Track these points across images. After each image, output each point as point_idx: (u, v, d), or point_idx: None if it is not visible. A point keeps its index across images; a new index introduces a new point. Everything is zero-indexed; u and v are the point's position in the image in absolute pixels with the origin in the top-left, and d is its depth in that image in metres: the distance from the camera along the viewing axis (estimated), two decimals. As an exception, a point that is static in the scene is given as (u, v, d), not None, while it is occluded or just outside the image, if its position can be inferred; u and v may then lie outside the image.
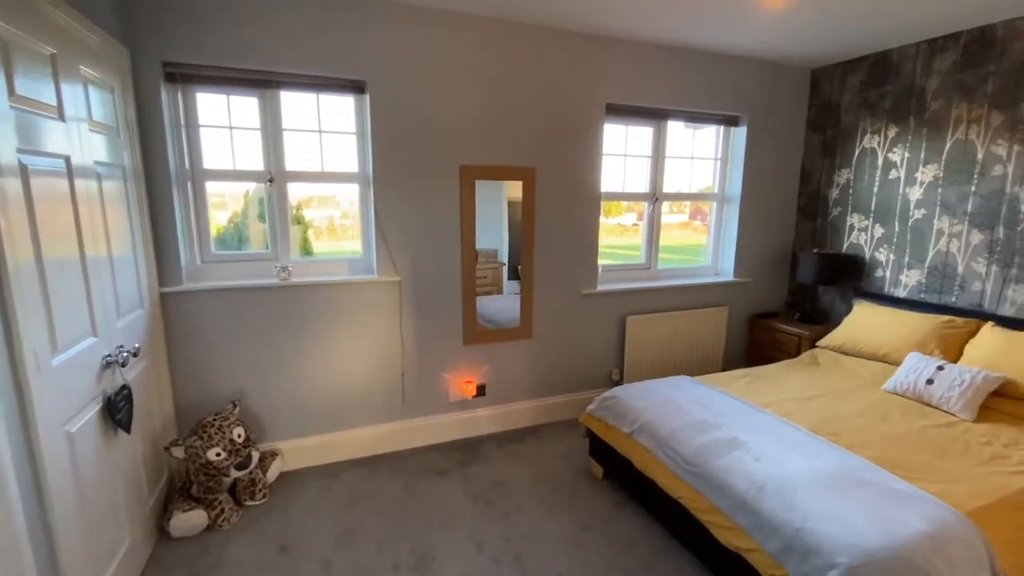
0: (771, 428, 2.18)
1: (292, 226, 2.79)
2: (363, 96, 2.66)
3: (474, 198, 2.89)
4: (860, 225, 3.47)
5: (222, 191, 2.74)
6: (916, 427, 2.23)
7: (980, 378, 2.36)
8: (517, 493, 2.57)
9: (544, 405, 3.34)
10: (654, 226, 3.62)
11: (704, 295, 3.72)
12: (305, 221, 2.93)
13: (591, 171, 3.18)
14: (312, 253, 2.94)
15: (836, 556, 1.47)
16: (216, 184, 2.64)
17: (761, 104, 3.59)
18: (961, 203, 2.92)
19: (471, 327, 3.04)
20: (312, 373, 2.76)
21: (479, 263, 3.08)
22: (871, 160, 3.37)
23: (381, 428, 2.95)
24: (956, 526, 1.57)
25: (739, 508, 1.78)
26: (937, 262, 3.05)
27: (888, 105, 3.25)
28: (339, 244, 2.99)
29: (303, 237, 2.94)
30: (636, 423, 2.36)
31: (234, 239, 2.79)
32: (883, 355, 2.88)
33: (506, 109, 2.90)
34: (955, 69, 2.90)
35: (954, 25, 2.79)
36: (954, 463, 1.95)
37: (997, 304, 2.78)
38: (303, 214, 2.91)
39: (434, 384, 3.03)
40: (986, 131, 2.78)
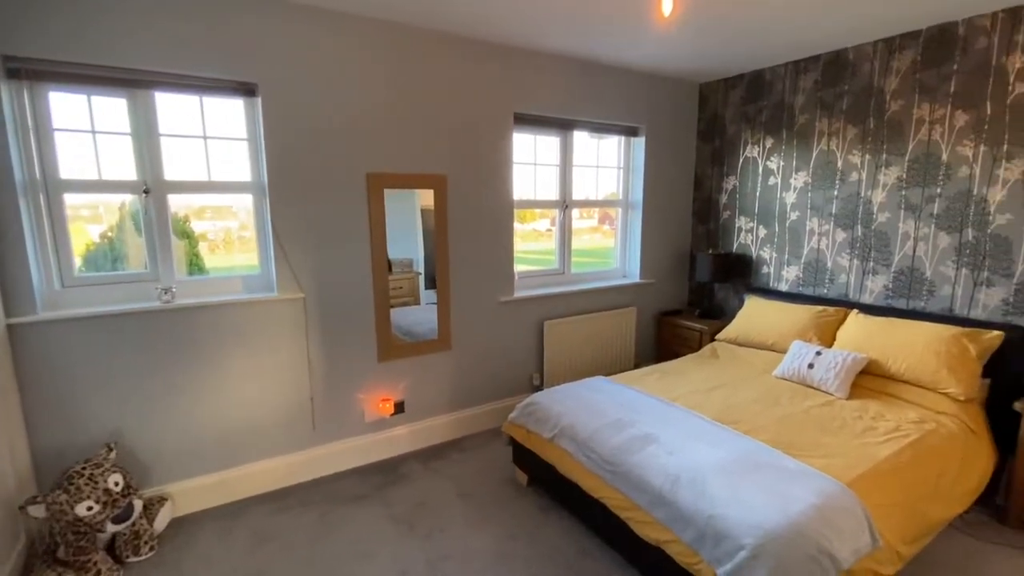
0: (680, 421, 2.30)
1: (178, 240, 2.51)
2: (254, 99, 2.46)
3: (383, 207, 2.78)
4: (747, 227, 3.81)
5: (95, 202, 2.40)
6: (802, 408, 2.47)
7: (850, 360, 2.66)
8: (441, 511, 2.49)
9: (466, 416, 3.28)
10: (566, 232, 3.71)
11: (614, 297, 3.87)
12: (194, 235, 2.65)
13: (502, 179, 3.20)
14: (204, 271, 2.66)
15: (743, 538, 1.57)
16: (83, 196, 2.30)
17: (657, 116, 3.83)
18: (827, 206, 3.30)
19: (386, 342, 2.91)
20: (205, 405, 2.48)
21: (393, 274, 2.97)
22: (753, 168, 3.72)
23: (290, 458, 2.72)
24: (839, 496, 1.75)
25: (656, 502, 1.85)
26: (811, 258, 3.43)
27: (764, 118, 3.61)
28: (237, 260, 2.73)
29: (192, 253, 2.65)
30: (556, 427, 2.38)
31: (107, 258, 2.45)
32: (772, 344, 3.17)
33: (415, 117, 2.83)
34: (816, 88, 3.28)
35: (814, 49, 3.16)
36: (834, 438, 2.18)
37: (859, 294, 3.18)
38: (191, 227, 2.63)
39: (347, 406, 2.86)
40: (843, 142, 3.18)
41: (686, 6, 2.45)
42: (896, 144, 2.93)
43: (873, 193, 3.05)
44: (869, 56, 3.00)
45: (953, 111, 2.70)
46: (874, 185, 3.05)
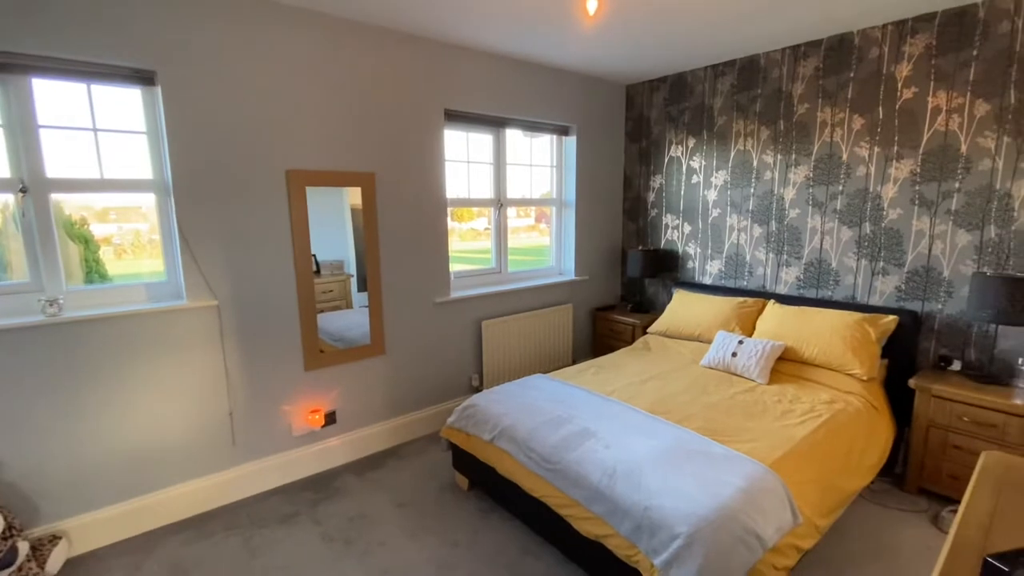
0: (616, 414, 2.35)
1: (75, 246, 2.24)
2: (153, 88, 2.23)
3: (305, 206, 2.62)
4: (673, 224, 3.97)
5: None
6: (728, 395, 2.59)
7: (768, 348, 2.83)
8: (379, 524, 2.39)
9: (404, 423, 3.18)
10: (501, 231, 3.69)
11: (551, 294, 3.90)
12: (93, 239, 2.37)
13: (434, 177, 3.12)
14: (107, 278, 2.38)
15: (677, 527, 1.61)
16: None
17: (587, 115, 3.90)
18: (745, 203, 3.50)
19: (313, 350, 2.75)
20: (106, 429, 2.23)
21: (322, 276, 2.81)
22: (677, 167, 3.87)
23: (208, 480, 2.51)
24: (763, 478, 1.84)
25: (594, 497, 1.86)
26: (731, 253, 3.62)
27: (686, 120, 3.76)
28: (148, 266, 2.46)
29: (92, 259, 2.37)
30: (496, 429, 2.35)
31: None
32: (698, 335, 3.32)
33: (341, 112, 2.69)
34: (733, 91, 3.47)
35: (731, 54, 3.33)
36: (757, 423, 2.30)
37: (775, 285, 3.40)
38: (89, 230, 2.35)
39: (272, 419, 2.67)
40: (758, 143, 3.38)
41: (610, 8, 2.50)
42: (804, 145, 3.15)
43: (785, 191, 3.27)
44: (778, 62, 3.21)
45: (851, 115, 2.93)
46: (785, 183, 3.26)
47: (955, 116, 2.58)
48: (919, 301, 2.79)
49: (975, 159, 2.54)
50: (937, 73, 2.61)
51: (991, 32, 2.44)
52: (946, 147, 2.62)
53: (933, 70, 2.62)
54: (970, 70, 2.51)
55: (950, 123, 2.60)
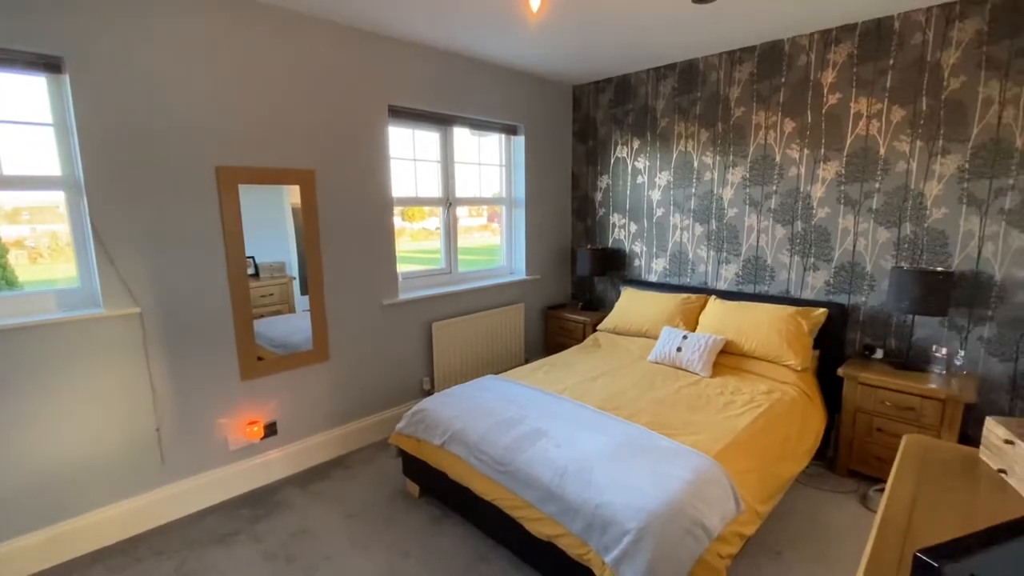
0: (567, 412, 2.35)
1: None
2: (61, 76, 2.03)
3: (238, 205, 2.47)
4: (620, 223, 4.05)
5: None
6: (673, 389, 2.66)
7: (711, 342, 2.93)
8: (325, 537, 2.29)
9: (351, 431, 3.06)
10: (451, 230, 3.63)
11: (502, 294, 3.89)
12: (1, 243, 2.13)
13: (379, 175, 3.02)
14: (16, 285, 2.15)
15: (627, 523, 1.63)
16: None
17: (535, 115, 3.90)
18: (687, 202, 3.61)
19: (249, 358, 2.59)
20: (15, 452, 2.00)
21: (261, 279, 2.66)
22: (623, 167, 3.95)
23: (135, 501, 2.31)
24: (707, 469, 1.89)
25: (546, 497, 1.85)
26: (675, 251, 3.73)
27: (631, 121, 3.85)
28: (63, 271, 2.23)
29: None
30: (447, 433, 2.30)
31: None
32: (646, 331, 3.39)
33: (277, 105, 2.55)
34: (674, 93, 3.57)
35: (671, 58, 3.43)
36: (701, 415, 2.37)
37: (716, 281, 3.53)
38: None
39: (206, 433, 2.50)
40: (698, 144, 3.49)
41: (554, 7, 2.50)
42: (740, 147, 3.29)
43: (723, 191, 3.40)
44: (716, 67, 3.33)
45: (783, 119, 3.09)
46: (724, 183, 3.39)
47: (875, 121, 2.76)
48: (846, 294, 2.97)
49: (892, 161, 2.73)
50: (858, 80, 2.79)
51: (905, 43, 2.63)
52: (867, 150, 2.80)
53: (855, 77, 2.80)
54: (887, 78, 2.70)
55: (870, 128, 2.78)
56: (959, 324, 2.63)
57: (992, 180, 2.47)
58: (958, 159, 2.55)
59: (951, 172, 2.57)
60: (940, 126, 2.58)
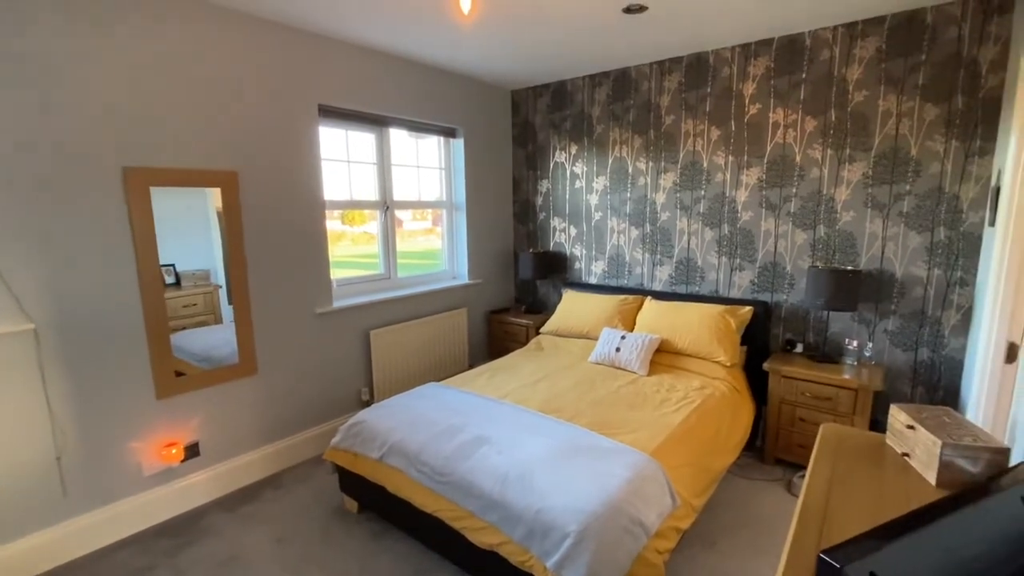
0: (509, 417, 2.33)
1: None
2: (-72, 64, 1.79)
3: (150, 209, 2.27)
4: (560, 227, 4.10)
5: None
6: (613, 388, 2.71)
7: (647, 341, 3.02)
8: (255, 564, 2.14)
9: (283, 448, 2.90)
10: (389, 234, 3.54)
11: (444, 299, 3.83)
12: None
13: (309, 177, 2.89)
14: None
15: (568, 526, 1.62)
16: None
17: (474, 119, 3.88)
18: (622, 207, 3.71)
19: (166, 374, 2.39)
20: None
21: (184, 288, 2.47)
22: (562, 172, 4.01)
23: (32, 539, 2.06)
24: (645, 466, 1.93)
25: (488, 506, 1.82)
26: (613, 253, 3.82)
27: (568, 127, 3.91)
28: None
29: None
30: (385, 445, 2.22)
31: None
32: (586, 332, 3.45)
33: (195, 102, 2.37)
34: (608, 100, 3.66)
35: (604, 65, 3.51)
36: (639, 413, 2.43)
37: (651, 282, 3.65)
38: None
39: (116, 459, 2.28)
40: (632, 151, 3.60)
41: (486, 9, 2.49)
42: (671, 153, 3.42)
43: (656, 195, 3.52)
44: (647, 75, 3.45)
45: (709, 127, 3.24)
46: (656, 188, 3.52)
47: (791, 130, 2.95)
48: (769, 293, 3.16)
49: (807, 168, 2.93)
50: (775, 92, 2.97)
51: (816, 58, 2.84)
52: (785, 157, 2.99)
53: (772, 89, 2.98)
54: (801, 90, 2.90)
55: (787, 136, 2.97)
56: (867, 318, 2.85)
57: (892, 186, 2.70)
58: (863, 166, 2.77)
59: (857, 178, 2.79)
60: (847, 136, 2.79)
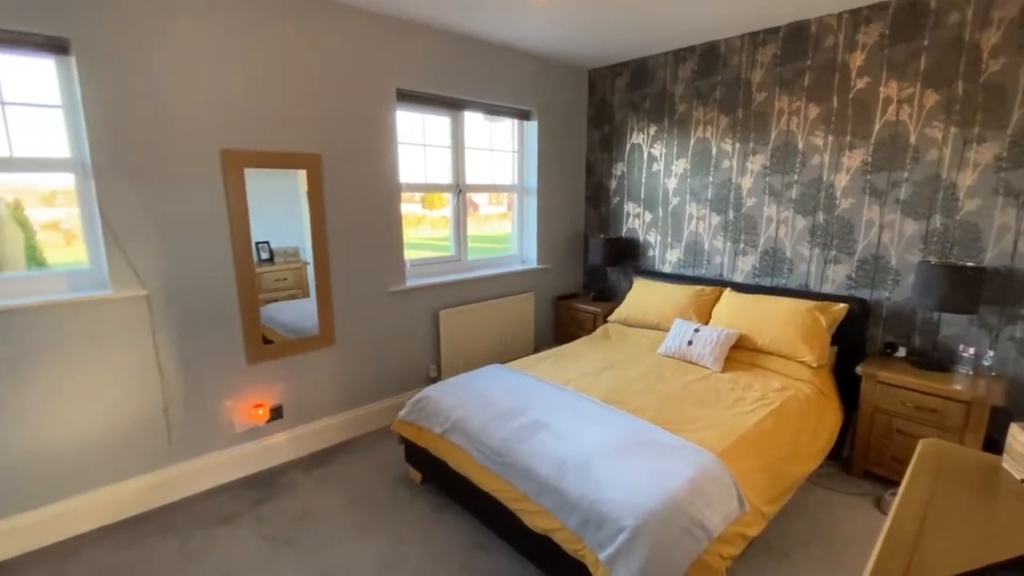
0: (570, 404, 2.31)
1: (16, 230, 2.08)
2: (67, 58, 2.03)
3: (244, 188, 2.46)
4: (634, 212, 3.95)
5: None
6: (682, 383, 2.58)
7: (723, 336, 2.84)
8: (326, 522, 2.30)
9: (355, 417, 3.07)
10: (460, 217, 3.59)
11: (512, 283, 3.84)
12: (29, 224, 2.18)
13: (386, 160, 2.99)
14: (46, 266, 2.21)
15: (623, 520, 1.58)
16: None
17: (549, 100, 3.81)
18: (703, 191, 3.49)
19: (255, 342, 2.61)
20: (21, 430, 2.05)
21: (276, 264, 2.67)
22: (639, 154, 3.84)
23: (142, 480, 2.36)
24: (711, 467, 1.83)
25: (544, 491, 1.82)
26: (690, 241, 3.62)
27: (648, 106, 3.72)
28: None
29: (29, 245, 2.18)
30: (448, 421, 2.28)
31: None
32: (657, 323, 3.31)
33: (283, 87, 2.52)
34: (693, 77, 3.44)
35: (691, 40, 3.29)
36: (709, 411, 2.30)
37: (732, 273, 3.42)
38: (26, 215, 2.16)
39: (212, 415, 2.53)
40: (717, 131, 3.36)
41: (567, -15, 2.41)
42: (761, 133, 3.15)
43: (742, 179, 3.28)
44: (737, 49, 3.19)
45: (807, 104, 2.94)
46: (743, 172, 3.27)
47: (905, 106, 2.61)
48: (868, 289, 2.84)
49: (923, 149, 2.58)
50: (889, 63, 2.63)
51: (941, 22, 2.47)
52: (896, 137, 2.65)
53: (886, 60, 2.64)
54: (920, 60, 2.54)
55: (900, 113, 2.63)
56: (989, 323, 2.49)
57: (1032, 170, 2.31)
58: (995, 147, 2.39)
59: (987, 161, 2.41)
60: (976, 111, 2.41)
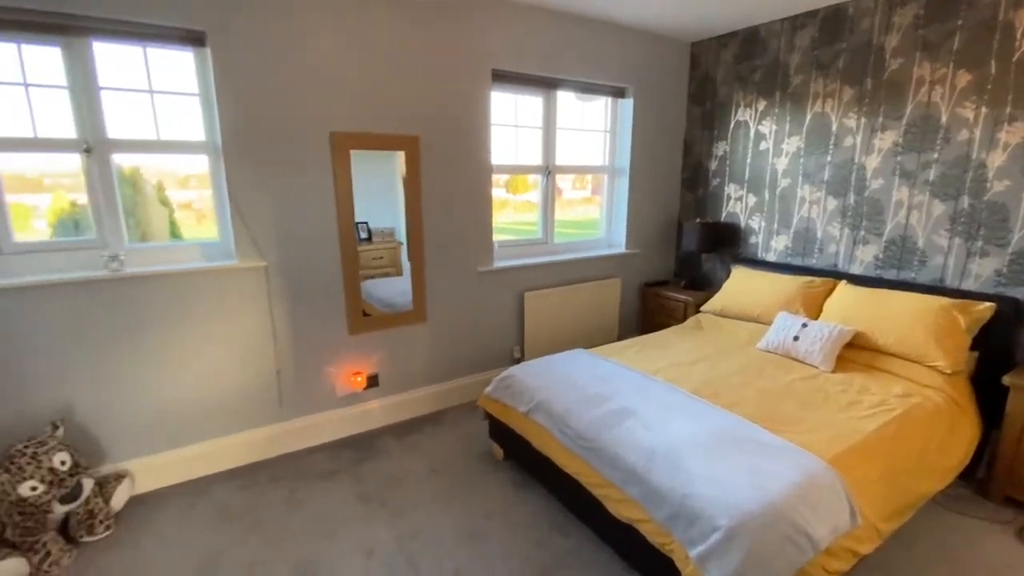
0: (659, 394, 2.22)
1: (161, 208, 2.42)
2: (203, 50, 2.25)
3: (349, 169, 2.61)
4: (736, 195, 3.68)
5: (50, 167, 2.21)
6: (785, 381, 2.39)
7: (836, 332, 2.58)
8: (415, 487, 2.42)
9: (443, 390, 3.19)
10: (548, 199, 3.56)
11: (598, 267, 3.75)
12: (170, 203, 2.50)
13: (480, 141, 3.02)
14: (182, 240, 2.52)
15: (718, 519, 1.49)
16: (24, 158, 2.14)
17: (646, 76, 3.63)
18: (819, 172, 3.16)
19: (356, 314, 2.78)
20: (164, 379, 2.36)
21: (374, 243, 2.83)
22: (744, 132, 3.55)
23: (257, 433, 2.63)
24: (819, 473, 1.68)
25: (631, 479, 1.77)
26: (800, 227, 3.31)
27: (757, 79, 3.42)
28: None
29: (170, 222, 2.51)
30: (532, 401, 2.29)
31: (71, 224, 2.28)
32: (757, 316, 3.08)
33: (384, 71, 2.62)
34: (813, 45, 3.10)
35: (812, 3, 2.96)
36: (817, 412, 2.10)
37: (849, 264, 3.08)
38: (167, 195, 2.48)
39: (317, 379, 2.75)
40: (839, 104, 3.02)
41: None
42: (894, 106, 2.78)
43: (867, 159, 2.92)
44: (870, 10, 2.81)
45: (955, 70, 2.54)
46: (868, 150, 2.91)
47: (1092, 68, 2.16)
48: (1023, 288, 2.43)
49: (1113, 120, 2.13)
50: (1072, 16, 2.19)
51: None
52: (1076, 106, 2.22)
53: (1067, 13, 2.20)
54: (1118, 11, 2.08)
55: (1084, 77, 2.18)
56: None
57: None
58: None
59: None
60: None
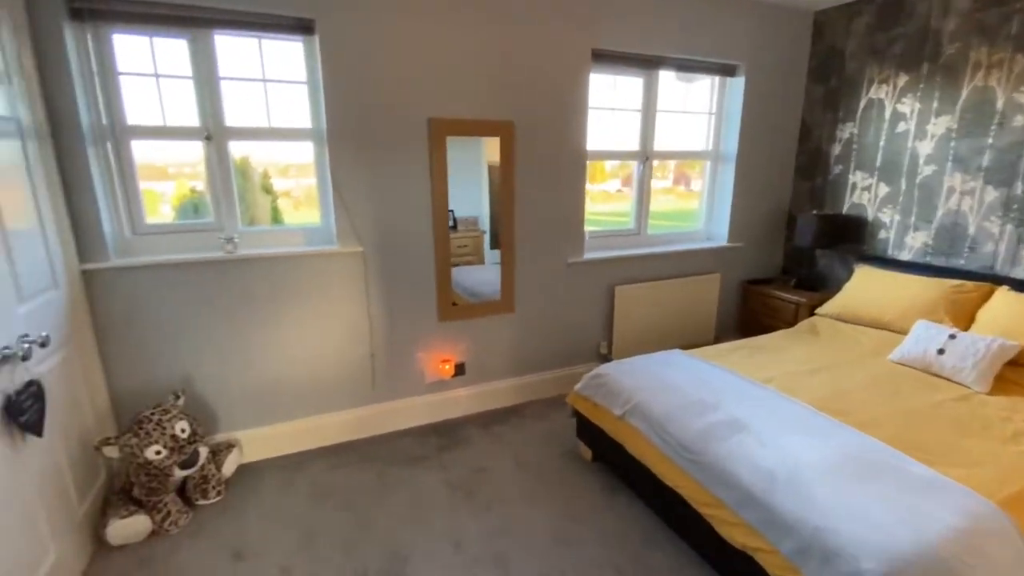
0: (774, 407, 1.99)
1: (265, 195, 2.53)
2: (312, 38, 2.29)
3: (445, 156, 2.57)
4: (863, 184, 3.24)
5: (173, 157, 2.39)
6: (930, 401, 2.05)
7: (996, 346, 2.18)
8: (500, 481, 2.37)
9: (528, 383, 3.12)
10: (644, 187, 3.34)
11: (696, 261, 3.49)
12: (274, 191, 2.62)
13: (576, 126, 2.87)
14: (283, 224, 2.64)
15: (862, 560, 1.28)
16: (155, 146, 2.31)
17: (760, 51, 3.28)
18: (976, 157, 2.69)
19: (446, 302, 2.77)
20: (269, 356, 2.48)
21: (458, 232, 2.80)
22: (878, 112, 3.11)
23: (350, 414, 2.70)
24: (989, 518, 1.40)
25: (746, 502, 1.59)
26: (946, 222, 2.85)
27: (898, 51, 2.97)
28: (311, 217, 2.65)
29: (272, 208, 2.64)
30: (628, 404, 2.15)
31: (194, 208, 2.45)
32: (886, 323, 2.70)
33: (479, 54, 2.55)
34: (976, 8, 2.62)
35: (978, -45, 2.50)
36: (976, 442, 1.78)
37: (1011, 266, 2.60)
38: (271, 183, 2.60)
39: (407, 365, 2.78)
40: (1008, 77, 2.53)
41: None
42: (1088, 76, 2.28)
43: (1046, 140, 2.43)
44: (1061, -41, 2.32)
45: None
46: (1048, 130, 2.42)
47: None
48: None
49: None
50: None
51: None
52: None
53: None
54: None
55: None
56: None
57: None
58: None
59: None
60: None
